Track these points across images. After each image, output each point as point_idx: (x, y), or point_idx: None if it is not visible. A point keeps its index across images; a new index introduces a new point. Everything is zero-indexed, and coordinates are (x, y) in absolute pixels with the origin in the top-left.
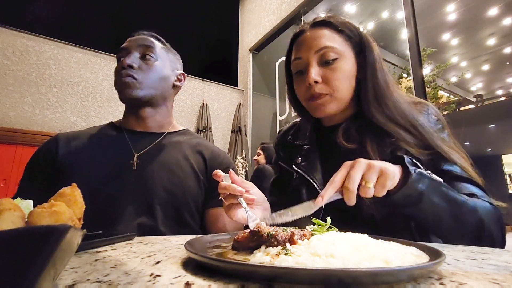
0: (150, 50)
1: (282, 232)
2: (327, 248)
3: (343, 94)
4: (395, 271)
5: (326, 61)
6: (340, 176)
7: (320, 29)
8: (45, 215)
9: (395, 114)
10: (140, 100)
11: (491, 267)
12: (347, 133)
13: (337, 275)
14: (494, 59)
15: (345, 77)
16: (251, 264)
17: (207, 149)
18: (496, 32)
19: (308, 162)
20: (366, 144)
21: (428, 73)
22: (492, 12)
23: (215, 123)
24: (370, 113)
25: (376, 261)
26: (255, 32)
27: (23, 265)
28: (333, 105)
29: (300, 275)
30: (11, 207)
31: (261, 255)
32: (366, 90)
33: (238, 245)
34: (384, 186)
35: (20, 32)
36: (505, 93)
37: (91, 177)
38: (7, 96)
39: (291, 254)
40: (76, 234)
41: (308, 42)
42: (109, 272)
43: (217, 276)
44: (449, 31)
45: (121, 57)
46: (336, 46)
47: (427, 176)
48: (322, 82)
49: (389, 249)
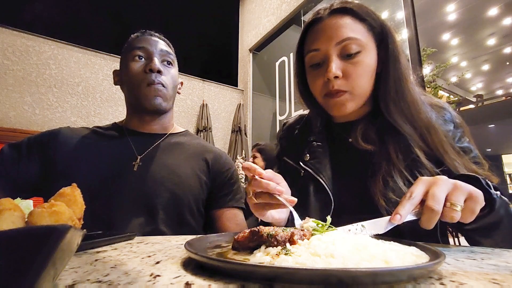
0: (169, 57)
1: (282, 232)
2: (327, 248)
3: (363, 91)
4: (395, 271)
5: (348, 54)
6: (419, 192)
7: (341, 17)
8: (45, 215)
9: (413, 114)
10: (162, 111)
11: (491, 267)
12: (365, 132)
13: (337, 275)
14: (494, 59)
15: (367, 72)
16: (251, 264)
17: (208, 150)
18: (496, 32)
19: (317, 159)
20: (388, 147)
21: (428, 73)
22: (492, 12)
23: (215, 123)
24: (388, 111)
25: (376, 261)
26: (255, 32)
27: (23, 265)
28: (353, 103)
29: (300, 275)
30: (11, 207)
31: (261, 255)
32: (386, 85)
33: (238, 245)
34: (473, 211)
35: (20, 32)
36: (505, 93)
37: (91, 177)
38: (7, 96)
39: (291, 254)
40: (76, 234)
41: (328, 32)
42: (109, 272)
43: (217, 276)
44: (449, 31)
45: (139, 56)
46: (359, 37)
47: (504, 200)
48: (343, 77)
49: (389, 249)
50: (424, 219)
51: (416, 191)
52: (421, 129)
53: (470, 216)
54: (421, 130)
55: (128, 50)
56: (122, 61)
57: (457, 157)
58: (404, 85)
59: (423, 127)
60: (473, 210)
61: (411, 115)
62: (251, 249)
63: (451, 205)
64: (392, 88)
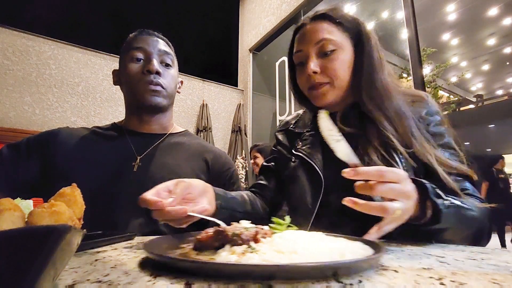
0: (169, 57)
1: (246, 231)
2: (290, 245)
3: (342, 83)
4: (352, 263)
5: (325, 53)
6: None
7: (319, 23)
8: (45, 215)
9: (383, 101)
10: (161, 109)
11: (491, 267)
12: (345, 118)
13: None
14: (494, 59)
15: (343, 66)
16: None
17: (208, 150)
18: (496, 32)
19: (308, 145)
20: (365, 129)
21: (428, 73)
22: (492, 12)
23: (215, 123)
24: (361, 98)
25: (334, 255)
26: (255, 32)
27: (23, 265)
28: (333, 93)
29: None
30: (11, 207)
31: (227, 254)
32: (359, 77)
33: (201, 245)
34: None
35: (20, 32)
36: (505, 93)
37: (91, 177)
38: (7, 96)
39: (257, 252)
40: (76, 234)
41: (308, 35)
42: (109, 272)
43: (217, 276)
44: (449, 31)
45: (138, 57)
46: (333, 38)
47: (450, 207)
48: (321, 72)
49: (342, 244)
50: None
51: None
52: (391, 116)
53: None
54: (392, 116)
55: (127, 50)
56: (120, 61)
57: (426, 145)
58: (375, 75)
59: (393, 113)
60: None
61: (382, 102)
62: (214, 249)
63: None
64: (364, 77)
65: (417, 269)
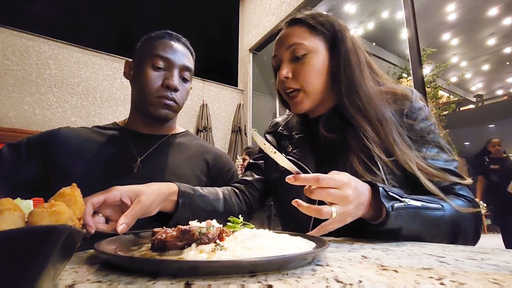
0: (190, 73)
1: (212, 229)
2: (254, 242)
3: (314, 88)
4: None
5: (296, 57)
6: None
7: (292, 27)
8: (45, 215)
9: (365, 106)
10: (169, 120)
11: (491, 267)
12: (328, 123)
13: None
14: (494, 59)
15: (315, 71)
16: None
17: (208, 151)
18: (496, 32)
19: (299, 149)
20: (347, 135)
21: (428, 73)
22: (492, 12)
23: (215, 123)
24: (342, 103)
25: (292, 249)
26: (255, 32)
27: (23, 265)
28: (308, 100)
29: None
30: (11, 207)
31: (195, 253)
32: (339, 81)
33: (164, 245)
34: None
35: (20, 32)
36: (505, 93)
37: (91, 178)
38: (7, 96)
39: (226, 249)
40: (76, 234)
41: (281, 40)
42: (109, 272)
43: (216, 276)
44: (449, 31)
45: (159, 66)
46: (304, 43)
47: (404, 208)
48: (293, 77)
49: (291, 240)
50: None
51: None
52: (373, 121)
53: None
54: (373, 121)
55: (149, 52)
56: (139, 59)
57: (407, 151)
58: (354, 80)
59: (375, 118)
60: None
61: (364, 107)
62: (179, 248)
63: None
64: (344, 83)
65: (417, 269)
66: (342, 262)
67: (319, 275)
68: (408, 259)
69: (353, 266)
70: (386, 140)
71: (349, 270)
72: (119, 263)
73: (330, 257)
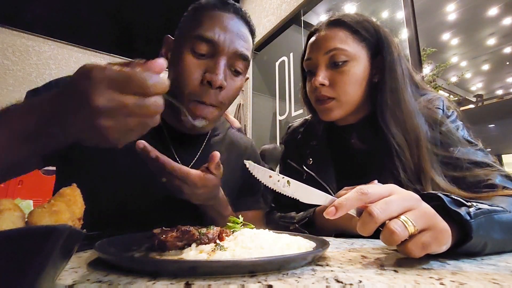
0: (244, 63)
1: (212, 230)
2: (254, 242)
3: (351, 98)
4: (306, 254)
5: (335, 63)
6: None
7: (333, 29)
8: (45, 215)
9: (406, 126)
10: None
11: (491, 267)
12: (360, 133)
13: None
14: (494, 59)
15: (354, 80)
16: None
17: (239, 147)
18: (496, 32)
19: (319, 163)
20: (379, 149)
21: (428, 73)
22: (492, 12)
23: None
24: (384, 118)
25: (292, 249)
26: None
27: (23, 265)
28: (340, 110)
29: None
30: (11, 207)
31: (195, 253)
32: (383, 94)
33: (163, 246)
34: (425, 247)
35: (20, 32)
36: (505, 93)
37: (119, 188)
38: (7, 96)
39: (225, 249)
40: (76, 234)
41: (319, 43)
42: (109, 272)
43: (216, 276)
44: (449, 31)
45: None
46: (346, 48)
47: (481, 214)
48: (329, 85)
49: (291, 240)
50: (359, 222)
51: (372, 191)
52: (411, 141)
53: (419, 250)
54: (411, 142)
55: (191, 31)
56: (178, 37)
57: (434, 175)
58: (400, 95)
59: (413, 139)
60: (426, 246)
61: (405, 126)
62: (179, 248)
63: (404, 221)
64: (388, 97)
65: (417, 269)
66: (342, 262)
67: (319, 275)
68: (408, 259)
69: (353, 266)
70: (419, 164)
71: (349, 270)
72: (119, 263)
73: (330, 257)
